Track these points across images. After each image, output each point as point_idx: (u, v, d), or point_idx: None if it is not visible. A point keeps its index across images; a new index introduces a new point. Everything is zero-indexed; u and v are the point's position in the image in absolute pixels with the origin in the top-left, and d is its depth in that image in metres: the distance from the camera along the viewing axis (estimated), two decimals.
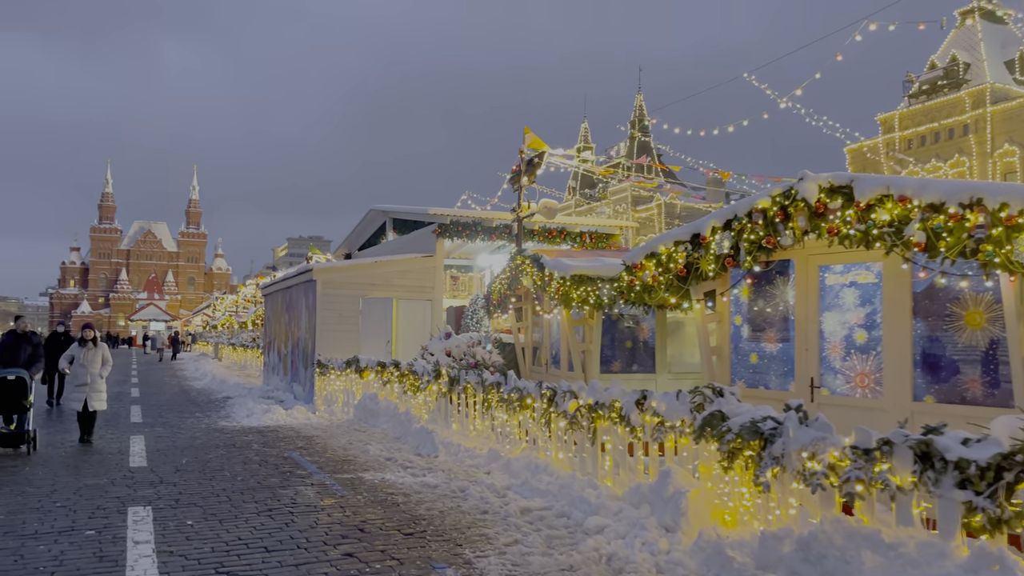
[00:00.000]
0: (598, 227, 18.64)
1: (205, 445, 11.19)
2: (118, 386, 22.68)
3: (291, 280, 18.57)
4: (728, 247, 7.58)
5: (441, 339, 14.29)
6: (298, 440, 11.81)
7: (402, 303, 16.88)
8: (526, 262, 11.50)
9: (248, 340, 35.79)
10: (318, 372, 16.21)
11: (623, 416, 7.10)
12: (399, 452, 10.51)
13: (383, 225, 21.27)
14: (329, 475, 8.93)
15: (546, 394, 8.28)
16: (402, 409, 12.63)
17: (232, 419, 14.42)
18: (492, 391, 9.77)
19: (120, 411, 15.62)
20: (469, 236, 17.27)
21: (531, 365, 13.31)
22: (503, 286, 12.85)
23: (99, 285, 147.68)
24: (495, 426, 9.84)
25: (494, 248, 23.38)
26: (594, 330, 10.55)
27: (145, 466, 9.40)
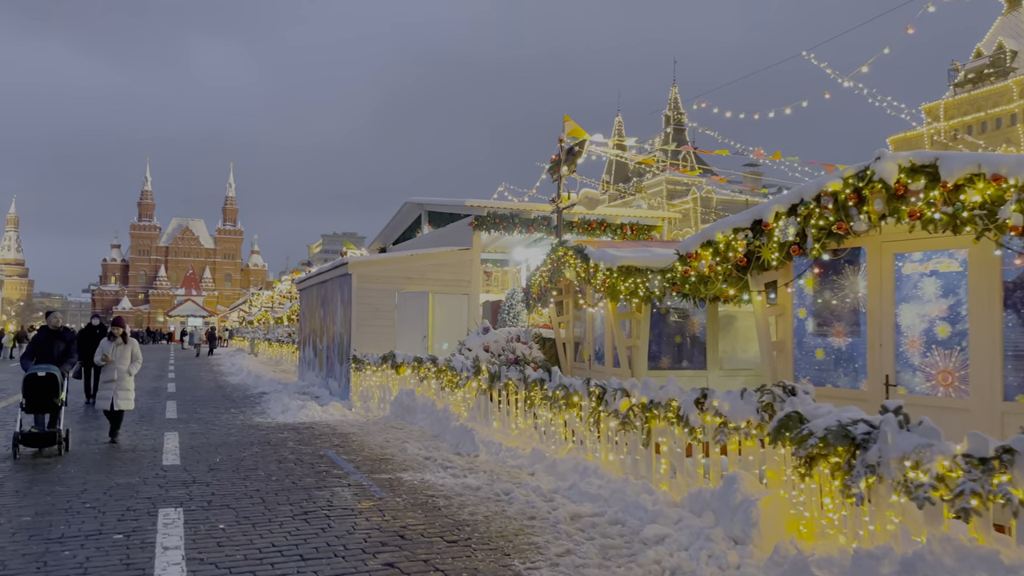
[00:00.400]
0: (639, 218, 18.05)
1: (239, 442, 10.91)
2: (154, 381, 22.70)
3: (326, 274, 18.31)
4: (793, 234, 7.01)
5: (479, 334, 13.88)
6: (334, 437, 11.48)
7: (438, 297, 16.50)
8: (568, 253, 11.01)
9: (284, 335, 35.82)
10: (354, 368, 15.91)
11: (681, 416, 6.59)
12: (438, 451, 10.12)
13: (418, 218, 20.91)
14: (366, 475, 8.55)
15: (595, 392, 7.80)
16: (440, 406, 12.24)
17: (267, 415, 14.17)
18: (535, 388, 9.31)
19: (156, 407, 15.49)
20: (506, 228, 16.82)
21: (572, 361, 12.82)
22: (543, 279, 12.37)
23: (139, 282, 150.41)
24: (538, 425, 9.38)
25: (530, 241, 22.91)
26: (642, 324, 10.03)
27: (178, 464, 9.13)
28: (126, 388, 10.84)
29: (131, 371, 10.94)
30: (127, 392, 10.86)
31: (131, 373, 10.94)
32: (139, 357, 11.08)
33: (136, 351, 11.06)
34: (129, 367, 10.91)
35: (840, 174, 6.65)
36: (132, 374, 10.97)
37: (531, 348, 12.42)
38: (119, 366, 10.80)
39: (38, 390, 9.53)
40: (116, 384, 10.73)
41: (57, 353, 10.19)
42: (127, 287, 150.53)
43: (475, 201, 16.64)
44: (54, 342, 10.29)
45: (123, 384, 10.81)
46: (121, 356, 10.84)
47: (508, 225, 16.79)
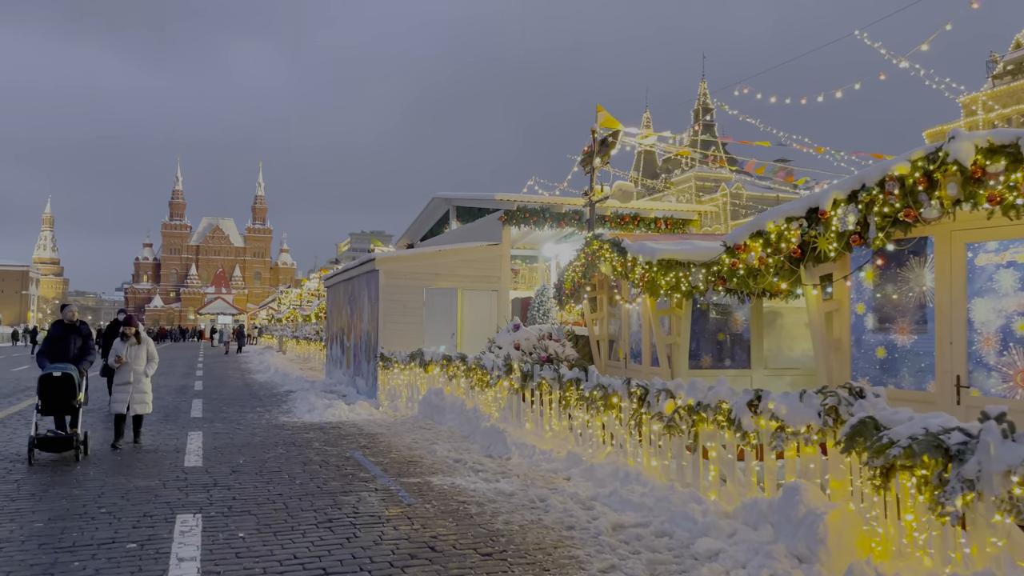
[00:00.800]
0: (673, 212, 17.47)
1: (264, 443, 10.59)
2: (182, 379, 22.61)
3: (353, 271, 18.00)
4: (853, 222, 6.47)
5: (509, 331, 13.43)
6: (361, 438, 11.12)
7: (467, 294, 16.10)
8: (604, 246, 10.53)
9: (311, 333, 35.73)
10: (381, 366, 15.57)
11: (732, 419, 6.09)
12: (468, 453, 9.70)
13: (446, 214, 20.53)
14: (394, 479, 8.16)
15: (636, 393, 7.31)
16: (470, 406, 11.82)
17: (293, 415, 13.88)
18: (570, 388, 8.85)
19: (181, 405, 15.28)
20: (536, 223, 16.36)
21: (607, 359, 12.34)
22: (577, 274, 11.90)
23: (170, 280, 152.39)
24: (574, 427, 8.92)
25: (560, 237, 22.43)
26: (682, 321, 9.51)
27: (200, 466, 8.81)
28: (142, 390, 10.17)
29: (147, 372, 10.23)
30: (143, 395, 10.18)
31: (147, 374, 10.24)
32: (155, 357, 10.36)
33: (152, 350, 10.35)
34: (145, 368, 10.21)
35: (906, 156, 6.10)
36: (148, 375, 10.27)
37: (564, 346, 11.96)
38: (134, 367, 10.12)
39: (54, 391, 8.95)
40: (132, 387, 10.07)
41: (74, 350, 9.57)
42: (159, 285, 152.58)
43: (504, 195, 16.19)
44: (70, 337, 9.63)
45: (139, 386, 10.14)
46: (136, 356, 10.15)
47: (538, 220, 16.32)
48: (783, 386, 9.86)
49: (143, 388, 10.18)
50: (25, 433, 10.93)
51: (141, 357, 10.19)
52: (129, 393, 10.01)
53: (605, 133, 14.10)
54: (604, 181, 15.53)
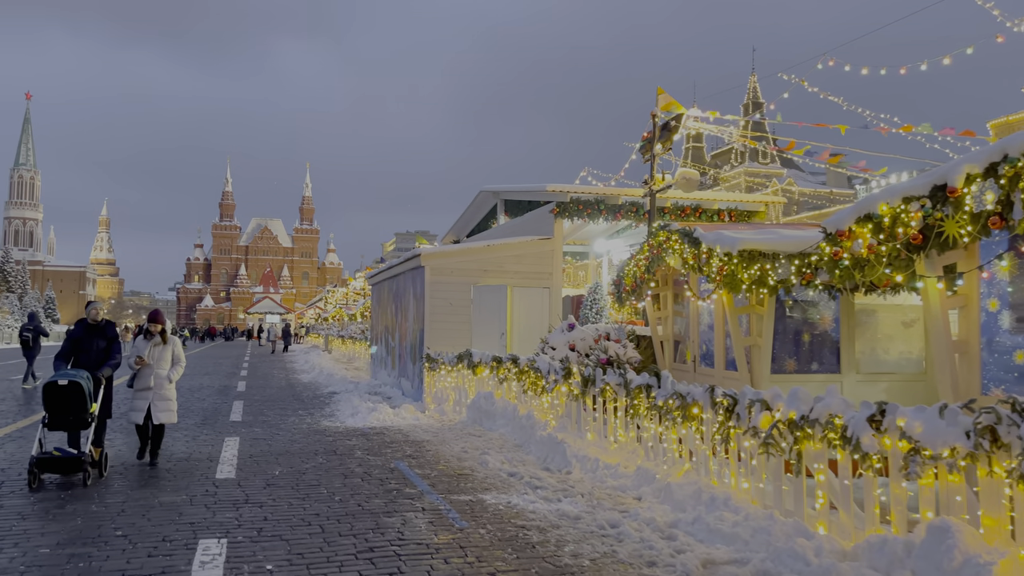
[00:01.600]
0: (738, 203, 16.30)
1: (303, 451, 9.85)
2: (226, 379, 22.20)
3: (398, 268, 17.26)
4: (992, 201, 5.37)
5: (563, 331, 12.50)
6: (406, 446, 10.31)
7: (517, 291, 15.20)
8: (673, 237, 9.51)
9: (357, 332, 35.30)
10: (427, 367, 14.78)
11: (848, 437, 5.06)
12: (523, 465, 8.80)
13: (494, 208, 19.69)
14: (443, 496, 7.30)
15: (722, 403, 6.31)
16: (523, 412, 10.92)
17: (335, 418, 13.16)
18: (640, 396, 7.87)
19: (221, 407, 14.71)
20: (590, 215, 15.38)
21: (671, 362, 11.31)
22: (639, 268, 10.89)
23: (220, 280, 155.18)
24: (643, 439, 7.94)
25: (612, 232, 21.40)
26: (764, 320, 8.46)
27: (232, 478, 8.07)
28: (166, 397, 8.97)
29: (172, 377, 8.99)
30: (167, 402, 8.98)
31: (172, 380, 8.99)
32: (181, 360, 9.18)
33: (178, 352, 9.18)
34: (169, 372, 9.00)
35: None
36: (173, 380, 9.02)
37: (626, 347, 10.97)
38: (157, 370, 8.92)
39: (59, 403, 7.57)
40: (154, 392, 8.89)
41: (96, 353, 8.38)
42: (209, 285, 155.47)
43: (557, 186, 15.25)
44: (93, 340, 8.47)
45: (162, 392, 8.94)
46: (160, 358, 8.98)
47: (592, 212, 15.34)
48: (878, 393, 8.73)
49: (166, 394, 8.99)
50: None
51: (166, 359, 9.04)
52: (150, 399, 8.87)
53: (667, 117, 13.06)
54: (664, 169, 14.48)
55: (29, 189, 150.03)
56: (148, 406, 8.84)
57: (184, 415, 13.37)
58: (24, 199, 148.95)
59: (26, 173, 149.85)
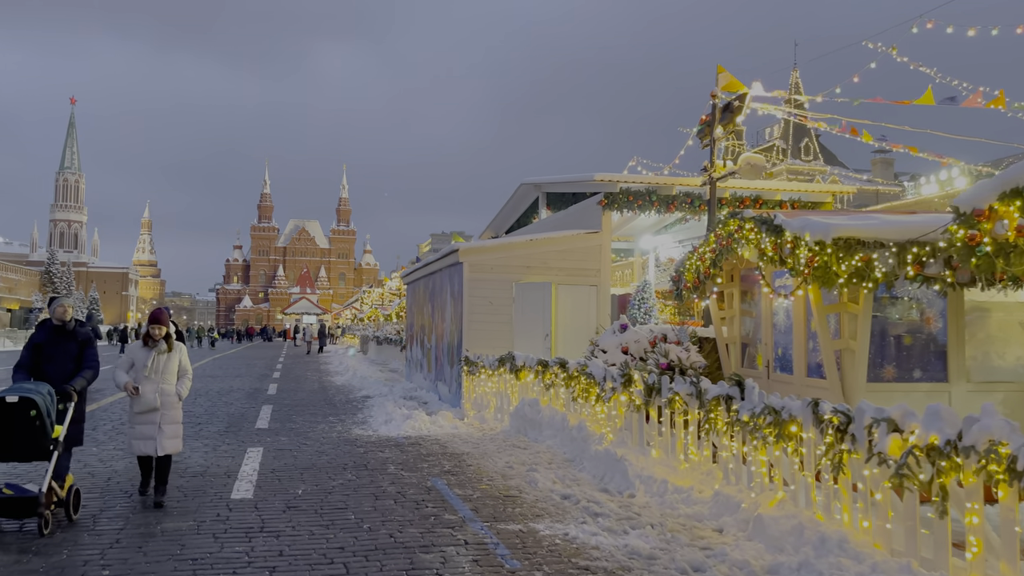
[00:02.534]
0: (803, 193, 15.00)
1: (331, 465, 8.89)
2: (257, 381, 21.47)
3: (434, 265, 16.29)
4: None
5: (615, 332, 11.37)
6: (444, 459, 9.29)
7: (562, 289, 14.10)
8: (747, 226, 8.34)
9: (392, 333, 34.52)
10: (465, 371, 13.76)
11: (1019, 471, 3.89)
12: (577, 485, 7.72)
13: (535, 202, 18.61)
14: (488, 524, 6.25)
15: (832, 420, 5.16)
16: (573, 422, 9.83)
17: (368, 426, 12.21)
18: (717, 408, 6.73)
19: (248, 413, 13.87)
20: (641, 207, 14.21)
21: (738, 367, 10.12)
22: (704, 262, 9.73)
23: (259, 281, 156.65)
24: (721, 458, 6.80)
25: (660, 227, 20.18)
26: (860, 320, 7.26)
27: (249, 499, 7.13)
28: (174, 420, 7.03)
29: (180, 392, 7.07)
30: (174, 427, 7.02)
31: (180, 396, 7.08)
32: (188, 370, 7.26)
33: (185, 362, 7.23)
34: (178, 386, 7.07)
35: None
36: (182, 397, 7.11)
37: (688, 351, 9.82)
38: (163, 385, 6.95)
39: (6, 425, 5.75)
40: (160, 415, 6.91)
41: (65, 361, 6.53)
42: (248, 286, 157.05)
43: (605, 175, 14.12)
44: (61, 345, 6.59)
45: (169, 414, 6.98)
46: (164, 370, 6.99)
47: (644, 203, 14.17)
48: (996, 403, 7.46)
49: (174, 416, 7.03)
50: None
51: (172, 370, 7.06)
52: (157, 424, 6.88)
53: (729, 97, 11.85)
54: (715, 157, 13.25)
55: (74, 192, 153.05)
56: (154, 434, 6.87)
57: (208, 421, 12.56)
58: (69, 202, 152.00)
59: (71, 177, 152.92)
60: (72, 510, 6.18)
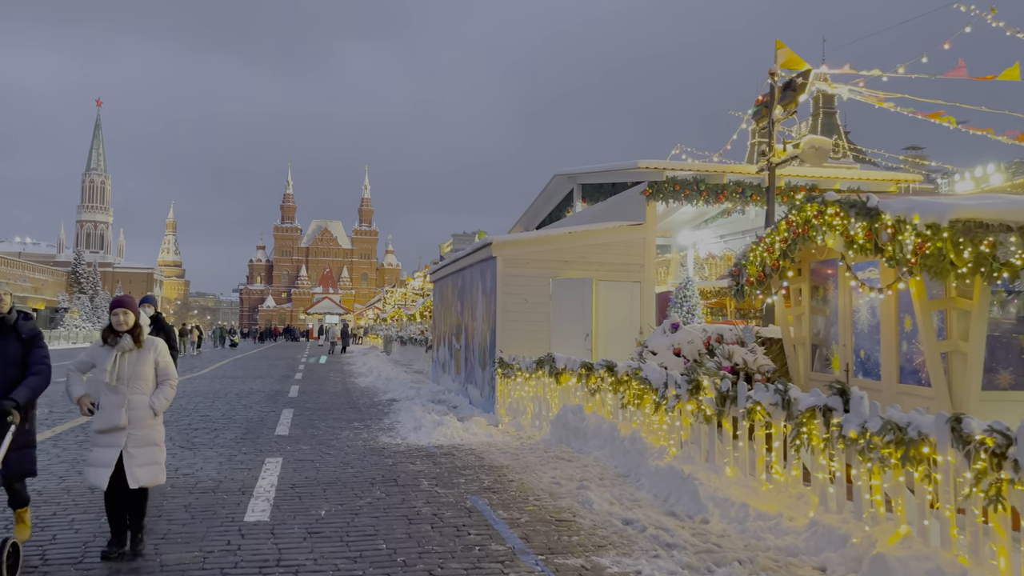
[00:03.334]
0: (865, 181, 13.86)
1: (357, 479, 7.97)
2: (279, 383, 20.68)
3: (464, 260, 15.36)
4: None
5: (665, 333, 10.38)
6: (482, 473, 8.34)
7: (602, 285, 13.11)
8: (829, 210, 7.30)
9: (416, 333, 33.68)
10: (500, 373, 12.81)
11: None
12: (639, 507, 6.74)
13: (569, 194, 17.63)
14: (544, 558, 5.29)
15: (985, 442, 4.12)
16: (624, 432, 8.85)
17: (396, 433, 11.30)
18: (810, 421, 5.71)
19: (268, 417, 13.02)
20: (688, 197, 13.18)
21: (809, 370, 9.07)
22: (774, 254, 8.68)
23: (282, 281, 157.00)
24: (816, 480, 5.78)
25: (700, 221, 19.14)
26: (974, 318, 6.20)
27: (265, 521, 6.22)
28: (148, 440, 5.19)
29: (155, 405, 5.22)
30: (150, 449, 5.20)
31: (156, 410, 5.23)
32: (170, 374, 5.38)
33: (163, 363, 5.33)
34: (153, 397, 5.24)
35: None
36: (157, 411, 5.25)
37: (755, 353, 8.79)
38: (131, 396, 5.14)
39: None
40: (128, 435, 5.11)
41: (7, 367, 5.12)
42: (271, 286, 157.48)
43: (650, 162, 13.09)
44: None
45: (141, 433, 5.15)
46: (133, 375, 5.16)
47: (691, 192, 13.13)
48: None
49: (149, 436, 5.20)
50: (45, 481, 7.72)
51: (143, 375, 5.20)
52: (121, 447, 5.08)
53: (790, 75, 10.80)
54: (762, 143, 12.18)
55: (100, 193, 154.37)
56: (119, 457, 5.07)
57: (225, 427, 11.72)
58: (95, 203, 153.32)
59: (97, 178, 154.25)
60: (5, 571, 4.45)
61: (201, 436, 10.75)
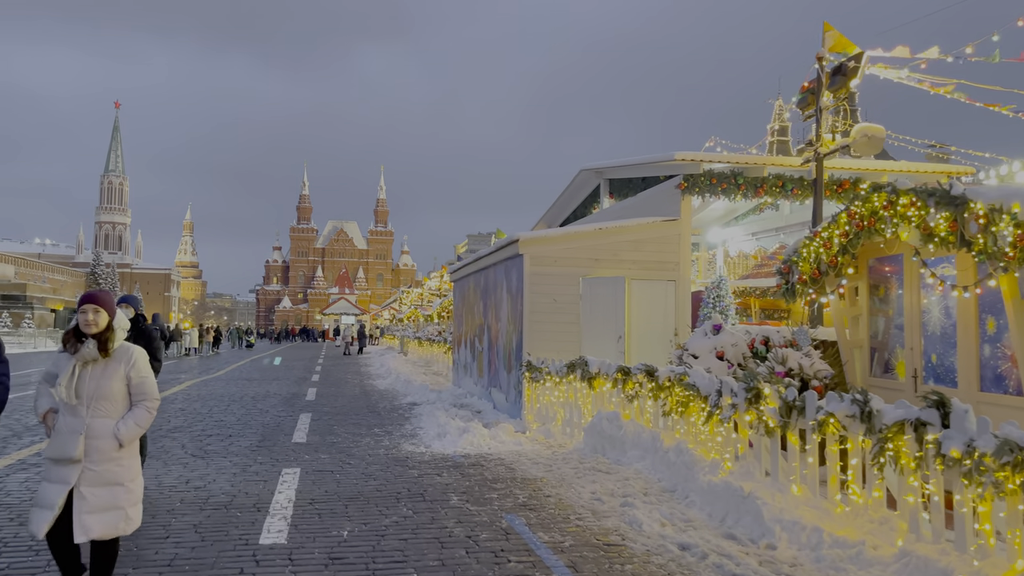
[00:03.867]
0: (914, 174, 13.11)
1: (382, 493, 7.36)
2: (296, 385, 20.16)
3: (488, 258, 14.73)
4: None
5: (707, 335, 9.71)
6: (515, 487, 7.71)
7: (635, 284, 12.43)
8: (902, 200, 6.60)
9: (434, 334, 33.11)
10: (527, 377, 12.17)
11: None
12: (693, 528, 6.08)
13: (595, 190, 16.96)
14: None
15: None
16: (668, 443, 8.19)
17: (419, 440, 10.70)
18: (899, 437, 5.02)
19: (285, 422, 12.45)
20: (726, 191, 12.47)
21: (867, 376, 8.37)
22: (832, 249, 7.98)
23: (298, 282, 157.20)
24: (906, 503, 5.09)
25: (730, 218, 18.42)
26: None
27: (283, 544, 5.62)
28: (109, 479, 4.06)
29: (121, 433, 4.07)
30: (110, 491, 4.06)
31: (122, 439, 4.07)
32: (148, 392, 4.21)
33: (140, 377, 4.20)
34: (119, 423, 4.10)
35: None
36: (124, 441, 4.09)
37: (811, 357, 8.09)
38: (91, 420, 4.05)
39: None
40: (83, 470, 4.01)
41: None
42: (287, 287, 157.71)
43: (687, 154, 12.40)
44: None
45: (101, 469, 4.04)
46: (97, 392, 4.08)
47: (729, 186, 12.42)
48: None
49: (111, 474, 4.06)
50: None
51: (109, 393, 4.10)
52: (71, 485, 3.99)
53: (840, 59, 10.09)
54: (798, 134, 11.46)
55: (118, 194, 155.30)
56: (68, 497, 3.98)
57: (240, 433, 11.16)
58: (113, 204, 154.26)
59: (115, 179, 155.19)
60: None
61: (215, 444, 10.20)
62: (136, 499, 4.18)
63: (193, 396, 16.76)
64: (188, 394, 17.23)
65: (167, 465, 8.59)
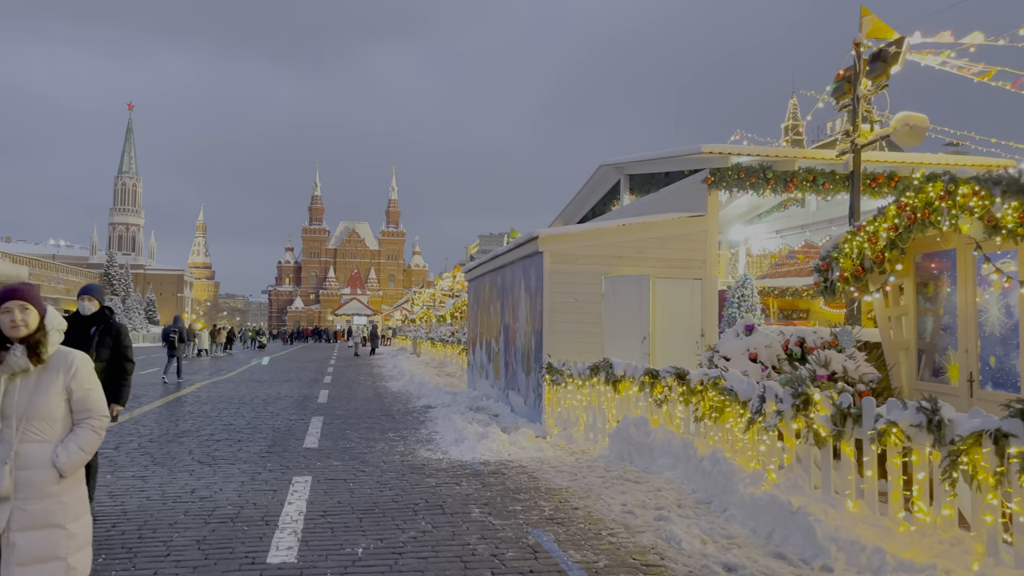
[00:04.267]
0: (952, 167, 12.54)
1: (397, 504, 6.91)
2: (307, 387, 19.76)
3: (505, 256, 14.26)
4: None
5: (739, 335, 9.20)
6: (539, 497, 7.24)
7: (660, 283, 11.93)
8: (961, 189, 6.09)
9: (447, 334, 32.69)
10: (547, 379, 11.69)
11: None
12: (737, 546, 5.58)
13: (615, 186, 16.47)
14: None
15: None
16: (702, 451, 7.69)
17: (436, 446, 10.24)
18: (974, 449, 4.51)
19: (296, 426, 12.03)
20: (754, 185, 11.94)
21: (914, 379, 7.84)
22: (878, 244, 7.47)
23: (310, 282, 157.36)
24: (982, 523, 4.58)
25: (752, 215, 17.85)
26: None
27: (293, 563, 5.17)
28: (46, 520, 3.05)
29: (61, 462, 3.07)
30: (48, 535, 3.04)
31: (62, 469, 3.08)
32: (91, 407, 3.21)
33: (81, 389, 3.19)
34: (59, 447, 3.11)
35: None
36: (64, 471, 3.08)
37: (855, 360, 7.57)
38: (20, 444, 3.03)
39: None
40: (13, 509, 3.00)
41: None
42: (299, 288, 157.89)
43: (714, 147, 11.88)
44: None
45: (36, 508, 3.03)
46: (28, 411, 3.07)
47: (758, 180, 11.90)
48: None
49: (48, 513, 3.07)
50: None
51: (45, 411, 3.11)
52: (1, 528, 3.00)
53: (879, 45, 9.55)
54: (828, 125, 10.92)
55: (131, 196, 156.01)
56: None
57: (249, 438, 10.75)
58: (127, 205, 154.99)
59: (128, 181, 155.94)
60: None
61: (223, 449, 9.78)
62: (81, 544, 3.15)
63: (203, 398, 16.39)
64: (198, 396, 16.88)
65: (173, 473, 8.17)
